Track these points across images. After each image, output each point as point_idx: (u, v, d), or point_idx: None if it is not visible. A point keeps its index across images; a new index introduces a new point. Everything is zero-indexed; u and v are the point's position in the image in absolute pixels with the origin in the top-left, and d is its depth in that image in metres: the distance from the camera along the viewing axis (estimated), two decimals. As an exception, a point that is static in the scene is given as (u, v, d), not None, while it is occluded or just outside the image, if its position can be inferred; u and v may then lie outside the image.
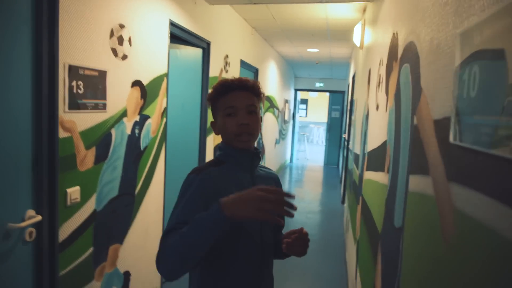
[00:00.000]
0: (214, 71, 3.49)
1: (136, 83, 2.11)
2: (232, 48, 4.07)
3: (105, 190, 1.87)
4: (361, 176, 2.74)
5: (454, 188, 0.72)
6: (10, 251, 1.35)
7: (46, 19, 1.43)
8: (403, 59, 1.38)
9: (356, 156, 3.40)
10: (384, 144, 1.69)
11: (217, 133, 1.19)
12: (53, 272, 1.53)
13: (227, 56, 3.87)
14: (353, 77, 5.64)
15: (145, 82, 2.20)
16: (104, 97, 1.81)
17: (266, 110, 6.39)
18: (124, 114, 2.00)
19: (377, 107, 2.06)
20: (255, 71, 5.43)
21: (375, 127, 2.08)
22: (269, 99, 6.59)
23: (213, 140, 3.59)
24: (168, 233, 1.03)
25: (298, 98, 11.34)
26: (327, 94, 15.22)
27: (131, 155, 2.09)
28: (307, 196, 6.71)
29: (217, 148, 1.21)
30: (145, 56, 2.19)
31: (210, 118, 3.45)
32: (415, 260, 0.98)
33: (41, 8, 1.41)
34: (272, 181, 1.27)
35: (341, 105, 10.11)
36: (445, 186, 0.77)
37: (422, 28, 1.10)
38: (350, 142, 4.96)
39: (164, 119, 2.51)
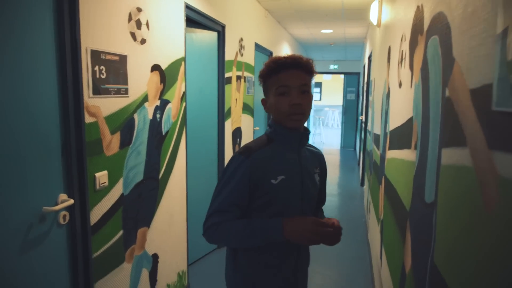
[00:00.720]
0: (230, 54, 3.47)
1: (155, 68, 2.11)
2: (247, 31, 4.03)
3: (131, 175, 1.90)
4: (382, 156, 2.71)
5: (497, 155, 0.70)
6: (46, 234, 1.40)
7: (67, 4, 1.44)
8: (430, 31, 1.33)
9: (376, 137, 3.35)
10: (409, 120, 1.66)
11: (267, 111, 1.20)
12: (87, 254, 1.58)
13: (241, 39, 3.83)
14: (369, 57, 5.51)
15: (163, 66, 2.21)
16: (125, 82, 1.83)
17: (281, 94, 6.35)
18: (145, 99, 2.01)
19: (400, 84, 2.01)
20: (270, 54, 5.37)
21: (398, 104, 2.04)
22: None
23: (231, 125, 3.60)
24: (216, 213, 1.12)
25: (313, 82, 11.20)
26: (341, 76, 14.99)
27: (153, 139, 2.12)
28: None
29: (267, 125, 1.24)
30: (162, 40, 2.19)
31: (227, 102, 3.45)
32: (452, 234, 0.96)
33: (63, -6, 1.41)
34: (317, 160, 1.32)
35: (356, 87, 9.95)
36: (486, 155, 0.75)
37: (453, -5, 1.05)
38: (369, 123, 4.89)
39: (184, 104, 2.52)
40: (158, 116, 2.16)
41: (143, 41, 1.97)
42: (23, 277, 1.31)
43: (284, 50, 6.49)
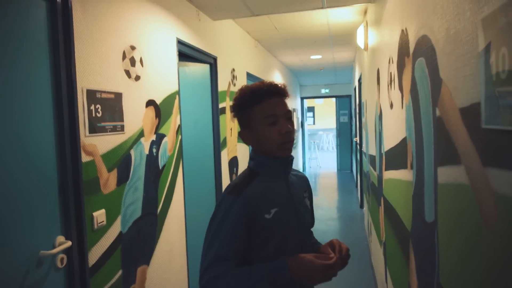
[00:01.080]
0: (223, 85, 3.53)
1: (150, 103, 2.14)
2: (238, 61, 4.12)
3: (128, 212, 1.88)
4: (380, 177, 2.71)
5: (492, 172, 0.71)
6: (43, 279, 1.36)
7: (62, 46, 1.48)
8: (416, 53, 1.38)
9: (372, 158, 3.37)
10: (403, 140, 1.68)
11: (248, 144, 1.16)
12: (85, 296, 1.53)
13: (233, 69, 3.92)
14: (359, 80, 5.63)
15: (158, 101, 2.24)
16: (121, 119, 1.84)
17: (275, 121, 6.41)
18: (141, 134, 2.02)
19: (391, 105, 2.05)
20: (261, 83, 5.47)
21: (391, 125, 2.07)
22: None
23: (227, 154, 3.60)
24: (214, 263, 1.02)
25: (305, 106, 11.35)
26: (333, 100, 15.21)
27: (150, 174, 2.11)
28: (324, 203, 6.65)
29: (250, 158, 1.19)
30: (156, 76, 2.23)
31: (222, 132, 3.48)
32: (455, 253, 0.96)
33: (57, 36, 1.45)
34: (304, 183, 1.29)
35: (348, 109, 10.09)
36: (481, 172, 0.76)
37: (435, 20, 1.10)
38: (363, 145, 4.93)
39: (179, 136, 2.53)
40: (154, 150, 2.17)
41: (137, 78, 2.01)
42: (20, 325, 1.26)
43: (276, 77, 6.62)
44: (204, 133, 3.22)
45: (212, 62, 3.30)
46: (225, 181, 3.52)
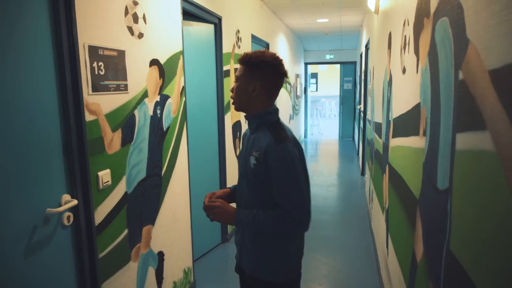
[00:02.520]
0: (227, 47, 3.42)
1: (154, 62, 2.07)
2: (243, 23, 3.97)
3: (133, 172, 1.86)
4: (385, 144, 2.68)
5: (525, 138, 0.67)
6: (51, 236, 1.37)
7: (62, 0, 1.39)
8: (438, 13, 1.30)
9: (378, 125, 3.33)
10: (416, 107, 1.63)
11: None
12: (92, 254, 1.55)
13: (238, 31, 3.78)
14: (367, 46, 5.47)
15: (162, 61, 2.16)
16: (125, 78, 1.78)
17: (279, 86, 6.29)
18: (145, 94, 1.96)
19: (404, 70, 1.98)
20: (266, 46, 5.31)
21: (403, 91, 2.01)
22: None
23: (231, 118, 3.56)
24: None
25: (309, 72, 11.15)
26: (337, 66, 14.90)
27: (155, 136, 2.08)
28: (325, 170, 6.68)
29: None
30: (160, 34, 2.14)
31: (227, 96, 3.41)
32: (472, 221, 0.94)
33: (57, -12, 1.36)
34: (263, 145, 1.31)
35: (353, 76, 9.91)
36: (511, 138, 0.72)
37: (465, -26, 1.02)
38: (368, 112, 4.86)
39: (184, 98, 2.47)
40: (158, 112, 2.12)
41: (140, 35, 1.92)
42: (29, 280, 1.28)
43: (281, 41, 6.43)
44: (208, 96, 3.15)
45: (216, 22, 3.17)
46: (228, 145, 3.50)
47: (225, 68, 3.34)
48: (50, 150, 1.37)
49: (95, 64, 1.57)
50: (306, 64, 10.63)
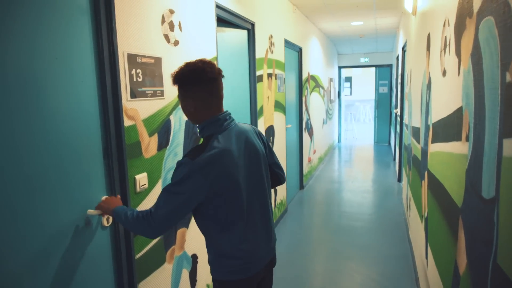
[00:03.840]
0: (260, 52, 3.44)
1: (189, 69, 2.11)
2: (276, 28, 3.98)
3: (168, 176, 1.91)
4: (424, 150, 2.58)
5: None
6: (91, 236, 1.43)
7: (103, 8, 1.46)
8: (483, 12, 1.23)
9: (416, 130, 3.21)
10: (458, 110, 1.55)
11: None
12: (130, 255, 1.60)
13: (271, 36, 3.79)
14: (403, 48, 5.30)
15: (197, 67, 2.20)
16: (161, 84, 1.83)
17: (312, 90, 6.25)
18: (180, 100, 2.01)
19: (444, 73, 1.89)
20: (299, 50, 5.29)
21: (443, 94, 1.92)
22: (314, 78, 6.42)
23: (263, 123, 3.57)
24: None
25: (343, 76, 10.97)
26: (372, 69, 14.53)
27: (189, 140, 2.12)
28: (360, 175, 6.52)
29: None
30: (195, 41, 2.19)
31: (260, 100, 3.43)
32: (520, 232, 0.88)
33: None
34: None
35: (389, 79, 9.63)
36: None
37: (513, -30, 0.96)
38: (405, 117, 4.70)
39: (217, 104, 2.51)
40: (193, 116, 2.16)
41: (176, 43, 1.98)
42: (71, 278, 1.34)
43: (314, 45, 6.39)
44: (241, 101, 3.18)
45: (249, 28, 3.20)
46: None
47: (258, 73, 3.36)
48: (91, 154, 1.43)
49: (133, 71, 1.63)
50: (340, 67, 10.47)
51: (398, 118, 6.19)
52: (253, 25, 3.23)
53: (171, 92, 1.93)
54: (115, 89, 1.52)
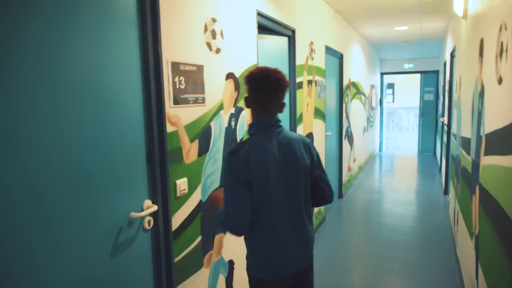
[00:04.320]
0: (300, 59, 3.41)
1: (230, 76, 2.14)
2: (316, 34, 3.94)
3: (208, 182, 1.93)
4: (475, 162, 2.41)
5: None
6: (133, 238, 1.47)
7: (149, 18, 1.51)
8: (547, 15, 1.13)
9: (465, 141, 3.02)
10: (516, 121, 1.44)
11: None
12: (169, 258, 1.63)
13: (312, 42, 3.76)
14: (452, 53, 5.04)
15: (237, 74, 2.23)
16: (202, 91, 1.87)
17: (353, 97, 6.10)
18: (220, 107, 2.04)
19: (500, 80, 1.77)
20: (340, 56, 5.20)
21: (498, 103, 1.79)
22: (355, 85, 6.28)
23: (303, 130, 3.53)
24: None
25: (385, 83, 10.63)
26: (416, 76, 13.96)
27: (229, 147, 2.14)
28: (402, 186, 6.25)
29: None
30: (236, 48, 2.21)
31: (299, 107, 3.40)
32: None
33: (145, 8, 1.49)
34: None
35: (435, 86, 9.20)
36: None
37: None
38: (453, 126, 4.45)
39: (257, 111, 2.51)
40: (233, 123, 2.18)
41: (218, 51, 2.01)
42: (114, 278, 1.38)
43: (355, 51, 6.25)
44: (280, 108, 3.17)
45: (290, 35, 3.19)
46: (299, 158, 3.46)
47: (298, 80, 3.33)
48: (135, 158, 1.48)
49: (176, 79, 1.67)
50: (382, 74, 10.16)
51: (445, 127, 5.88)
52: (293, 31, 3.22)
53: (212, 99, 1.96)
54: (159, 96, 1.56)
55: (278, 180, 1.43)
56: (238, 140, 2.26)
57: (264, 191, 1.41)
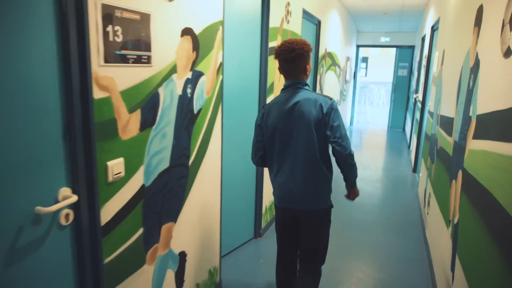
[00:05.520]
0: (275, 21, 3.01)
1: (187, 32, 1.74)
2: (294, -6, 3.52)
3: (154, 162, 1.58)
4: (459, 145, 2.20)
5: None
6: (43, 238, 1.11)
7: None
8: None
9: (446, 120, 2.81)
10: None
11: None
12: (96, 258, 1.29)
13: (288, 3, 3.35)
14: (433, 27, 4.79)
15: (197, 30, 1.82)
16: (148, 48, 1.47)
17: (328, 68, 5.79)
18: (173, 70, 1.65)
19: (507, 53, 1.49)
20: (317, 23, 4.82)
21: (501, 80, 1.53)
22: (331, 55, 5.95)
23: (273, 102, 3.19)
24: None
25: (360, 56, 10.38)
26: (391, 50, 13.82)
27: (183, 119, 1.77)
28: (371, 163, 6.15)
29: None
30: (196, -1, 1.80)
31: (270, 76, 3.04)
32: None
33: None
34: None
35: (409, 62, 9.06)
36: None
37: None
38: (430, 103, 4.27)
39: (220, 77, 2.14)
40: (189, 91, 1.80)
41: (171, -3, 1.59)
42: (14, 291, 1.04)
43: (333, 19, 5.87)
44: (250, 76, 2.80)
45: (264, -9, 2.77)
46: (269, 132, 3.15)
47: (271, 44, 2.95)
48: (46, 133, 1.10)
49: (109, 28, 1.26)
50: (358, 46, 9.88)
51: (419, 104, 5.74)
52: (268, -13, 2.80)
53: (162, 59, 1.56)
54: (82, 50, 1.16)
55: (281, 130, 1.80)
56: (196, 111, 1.89)
57: (271, 137, 1.83)
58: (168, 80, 1.62)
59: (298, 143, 1.77)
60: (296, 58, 1.78)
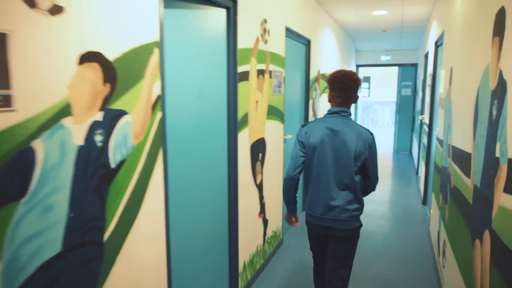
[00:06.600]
0: (246, 41, 2.53)
1: (91, 58, 1.24)
2: (272, 11, 3.06)
3: (24, 252, 1.04)
4: (483, 194, 1.64)
5: None
6: None
7: None
8: None
9: (461, 154, 2.24)
10: None
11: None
12: None
13: (265, 21, 2.88)
14: (437, 42, 4.30)
15: (111, 55, 1.33)
16: (5, 84, 0.96)
17: (322, 92, 5.29)
18: (64, 112, 1.14)
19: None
20: (307, 43, 4.35)
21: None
22: (325, 77, 5.46)
23: (249, 136, 2.66)
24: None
25: (361, 76, 9.93)
26: (393, 69, 13.36)
27: (89, 179, 1.25)
28: (376, 194, 5.52)
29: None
30: (107, 9, 1.31)
31: (243, 106, 2.54)
32: None
33: None
34: None
35: (413, 80, 8.56)
36: None
37: None
38: (438, 129, 3.71)
39: (158, 114, 1.62)
40: (99, 138, 1.29)
41: (56, 10, 1.11)
42: None
43: (326, 38, 5.42)
44: (214, 107, 2.29)
45: (230, 6, 2.30)
46: (244, 174, 2.61)
47: (241, 69, 2.46)
48: None
49: None
50: (357, 66, 9.45)
51: (425, 127, 5.19)
52: (234, 2, 2.33)
53: (38, 98, 1.06)
54: None
55: (320, 151, 1.97)
56: (114, 165, 1.37)
57: (311, 155, 2.00)
58: (54, 128, 1.11)
59: (330, 165, 1.95)
60: (348, 89, 1.97)
